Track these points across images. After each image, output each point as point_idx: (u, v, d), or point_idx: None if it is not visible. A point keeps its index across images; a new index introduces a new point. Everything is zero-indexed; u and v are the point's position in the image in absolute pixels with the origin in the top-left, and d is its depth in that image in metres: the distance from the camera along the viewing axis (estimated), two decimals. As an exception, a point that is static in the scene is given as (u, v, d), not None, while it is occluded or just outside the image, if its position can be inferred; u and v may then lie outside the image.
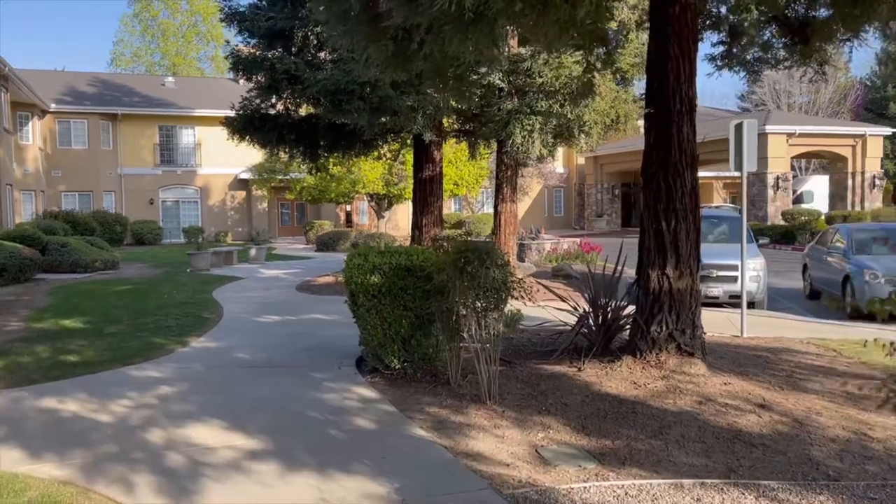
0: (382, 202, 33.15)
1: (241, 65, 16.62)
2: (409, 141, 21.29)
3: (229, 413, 6.37)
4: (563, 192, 46.22)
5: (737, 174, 41.85)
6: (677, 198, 7.15)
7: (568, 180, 45.65)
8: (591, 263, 23.19)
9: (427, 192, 16.68)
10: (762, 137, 30.90)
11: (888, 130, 34.29)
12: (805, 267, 15.85)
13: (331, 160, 24.16)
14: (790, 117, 31.16)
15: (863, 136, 32.92)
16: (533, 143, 12.84)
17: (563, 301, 8.50)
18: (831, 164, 34.88)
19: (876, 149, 33.23)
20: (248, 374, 7.82)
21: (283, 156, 32.32)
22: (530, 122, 12.59)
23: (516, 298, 6.43)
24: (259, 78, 17.34)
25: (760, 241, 24.39)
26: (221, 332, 10.62)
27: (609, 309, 7.93)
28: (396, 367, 7.39)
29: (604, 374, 6.97)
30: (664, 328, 7.00)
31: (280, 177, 33.55)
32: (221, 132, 19.22)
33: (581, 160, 44.48)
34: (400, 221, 41.58)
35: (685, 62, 7.10)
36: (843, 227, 14.81)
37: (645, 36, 9.48)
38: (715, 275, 13.20)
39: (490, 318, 6.28)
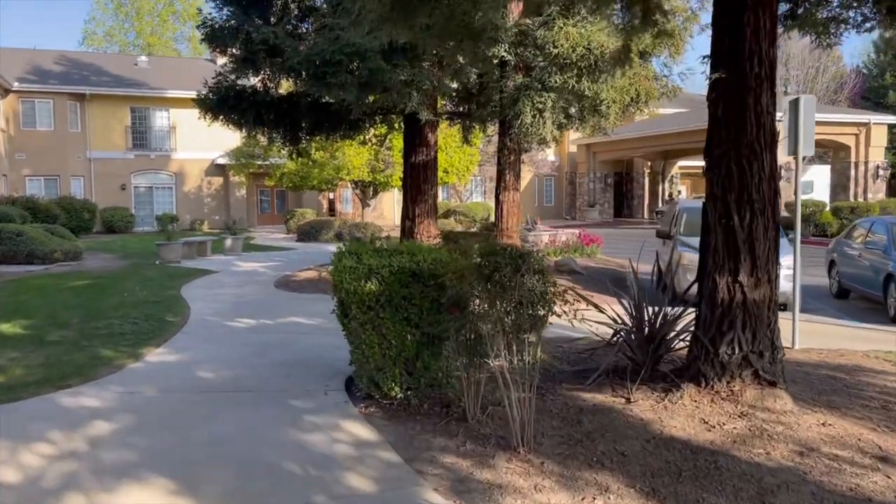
0: (368, 190, 31.52)
1: (214, 36, 14.95)
2: (398, 124, 19.72)
3: (180, 465, 4.82)
4: (554, 182, 44.79)
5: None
6: (753, 185, 5.69)
7: (559, 169, 44.22)
8: (592, 256, 21.86)
9: (420, 179, 15.13)
10: (765, 125, 29.62)
11: (893, 119, 33.15)
12: (832, 263, 14.52)
13: (313, 144, 22.55)
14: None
15: (867, 125, 31.74)
16: (544, 123, 11.34)
17: (598, 309, 7.01)
18: (833, 153, 33.69)
19: (880, 138, 32.08)
20: (211, 403, 6.26)
21: (262, 139, 30.58)
22: (542, 99, 11.07)
23: (558, 315, 4.93)
24: (234, 51, 15.66)
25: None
26: (185, 340, 9.04)
27: (657, 320, 6.46)
28: (398, 395, 5.88)
29: (662, 409, 5.50)
30: (737, 349, 5.54)
31: (259, 162, 31.81)
32: (200, 118, 17.53)
33: (573, 148, 43.05)
34: (385, 210, 40.00)
35: (765, 14, 5.62)
36: (880, 221, 13.46)
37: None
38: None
39: (525, 340, 4.78)
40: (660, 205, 42.48)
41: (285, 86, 18.78)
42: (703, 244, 5.97)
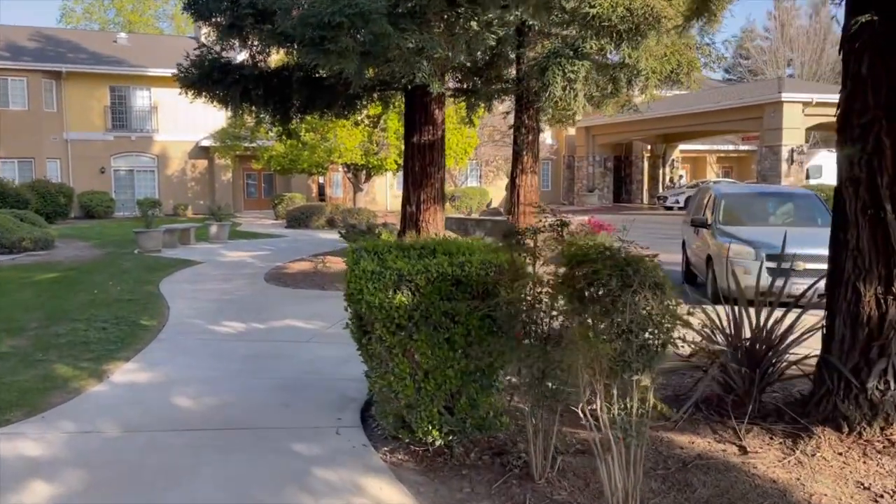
0: (360, 174, 29.97)
1: (196, 1, 13.42)
2: (396, 101, 18.22)
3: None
4: (551, 166, 43.35)
5: (731, 147, 39.40)
6: (913, 165, 4.29)
7: (556, 153, 42.79)
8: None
9: (426, 161, 13.67)
10: (777, 106, 28.38)
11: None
12: None
13: (303, 125, 21.01)
14: (806, 85, 28.70)
15: (881, 107, 30.46)
16: (575, 96, 9.91)
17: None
18: (845, 136, 32.43)
19: (894, 120, 30.82)
20: (190, 449, 4.81)
21: (249, 119, 28.95)
22: (574, 68, 9.63)
23: (675, 346, 3.53)
24: (218, 19, 14.11)
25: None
26: (161, 351, 7.57)
27: (764, 333, 5.08)
28: (436, 441, 4.47)
29: (796, 465, 4.11)
30: (893, 384, 4.17)
31: (246, 144, 30.14)
32: (181, 94, 15.99)
33: (571, 131, 41.60)
34: (377, 195, 38.50)
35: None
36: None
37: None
38: (802, 267, 10.44)
39: (633, 382, 3.38)
40: (660, 189, 41.22)
41: (276, 59, 17.22)
42: (836, 242, 4.59)
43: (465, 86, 14.65)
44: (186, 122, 34.03)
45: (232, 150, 30.82)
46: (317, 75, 15.54)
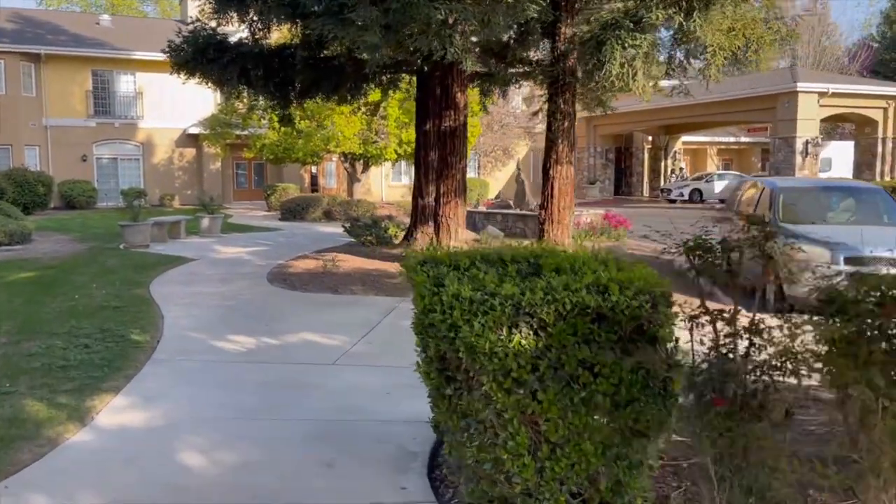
0: (357, 164, 28.57)
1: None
2: (405, 86, 16.85)
3: None
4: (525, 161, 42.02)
5: (731, 139, 38.29)
6: None
7: (556, 143, 41.45)
8: (620, 241, 19.28)
9: (446, 150, 12.32)
10: (792, 96, 27.26)
11: (924, 92, 30.91)
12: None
13: (298, 112, 19.60)
14: (820, 75, 27.64)
15: (896, 98, 29.48)
16: (635, 74, 8.62)
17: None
18: (858, 128, 31.41)
19: (910, 112, 29.85)
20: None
21: (240, 105, 27.38)
22: (637, 42, 8.31)
23: None
24: (215, -10, 12.75)
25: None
26: (156, 378, 6.22)
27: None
28: (563, 543, 3.16)
29: None
30: None
31: (237, 132, 28.60)
32: (167, 79, 14.63)
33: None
34: (372, 186, 37.03)
35: None
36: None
37: None
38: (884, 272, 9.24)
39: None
40: (662, 182, 40.09)
41: (277, 37, 15.79)
42: None
43: (487, 68, 13.31)
44: (173, 108, 32.44)
45: (222, 138, 29.30)
46: (322, 55, 14.18)
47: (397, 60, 12.60)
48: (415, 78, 16.11)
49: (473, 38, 9.73)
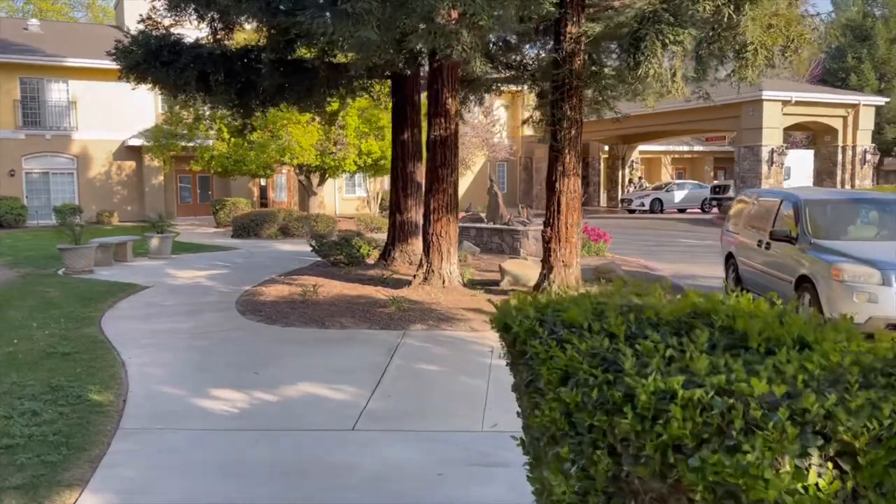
0: (313, 176, 27.07)
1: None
2: (378, 90, 15.56)
3: None
4: (507, 167, 41.27)
5: (685, 148, 37.91)
6: None
7: (514, 153, 40.69)
8: (600, 254, 18.37)
9: (437, 162, 11.09)
10: (757, 104, 26.98)
11: (881, 100, 31.19)
12: None
13: (249, 121, 18.10)
14: (784, 83, 27.53)
15: (856, 107, 29.58)
16: (674, 73, 7.60)
17: None
18: (818, 137, 31.46)
19: (868, 121, 30.02)
20: None
21: (187, 115, 25.74)
22: (680, 37, 7.28)
23: None
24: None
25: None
26: (131, 463, 4.79)
27: None
28: None
29: None
30: None
31: (183, 143, 26.75)
32: (104, 87, 13.10)
33: (528, 131, 39.56)
34: (325, 199, 35.44)
35: None
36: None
37: None
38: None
39: None
40: (620, 191, 39.68)
41: (240, 38, 14.33)
42: None
43: (497, 70, 12.17)
44: (111, 118, 30.39)
45: (167, 150, 27.38)
46: (292, 57, 12.84)
47: (375, 64, 11.33)
48: (389, 83, 14.91)
49: (497, 32, 8.54)
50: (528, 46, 11.80)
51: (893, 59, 38.98)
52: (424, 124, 14.65)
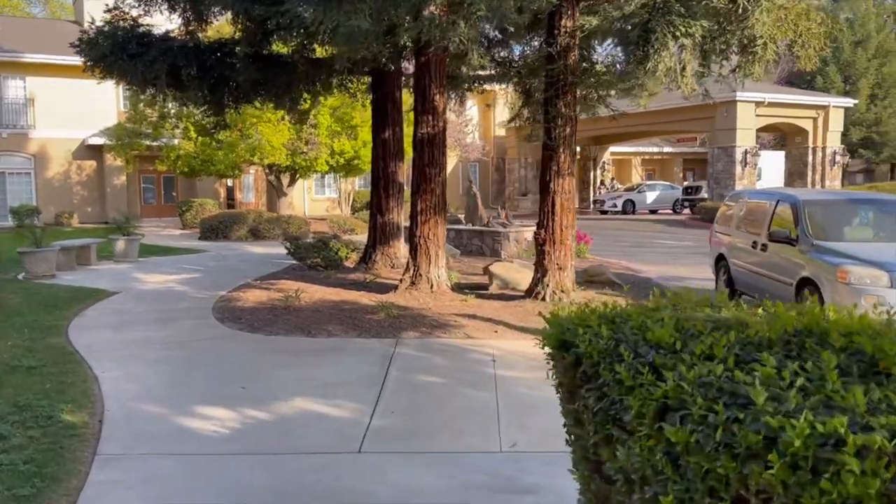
0: (284, 176, 26.38)
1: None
2: (356, 86, 15.03)
3: None
4: (479, 168, 40.90)
5: (655, 149, 38.01)
6: None
7: (486, 154, 40.36)
8: (582, 256, 18.06)
9: (425, 161, 10.63)
10: (731, 105, 27.02)
11: (850, 102, 31.53)
12: None
13: (211, 122, 17.45)
14: (757, 84, 27.56)
15: (826, 108, 29.84)
16: (684, 68, 7.25)
17: None
18: (789, 138, 31.67)
19: (837, 122, 30.31)
20: None
21: (151, 112, 24.86)
22: (692, 30, 6.92)
23: None
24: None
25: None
26: (115, 495, 4.27)
27: None
28: None
29: None
30: None
31: (147, 142, 25.85)
32: (64, 84, 12.42)
33: (501, 131, 39.31)
34: (295, 200, 34.71)
35: None
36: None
37: None
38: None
39: None
40: (591, 193, 39.61)
41: (214, 32, 13.72)
42: None
43: (495, 63, 11.74)
44: (70, 116, 29.30)
45: (130, 149, 26.42)
46: (268, 51, 12.29)
47: (360, 58, 10.83)
48: (367, 79, 14.41)
49: (494, 23, 8.10)
50: (518, 42, 11.40)
51: (858, 61, 39.53)
52: (405, 122, 14.21)
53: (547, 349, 3.26)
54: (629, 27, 7.30)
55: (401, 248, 13.94)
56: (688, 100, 10.00)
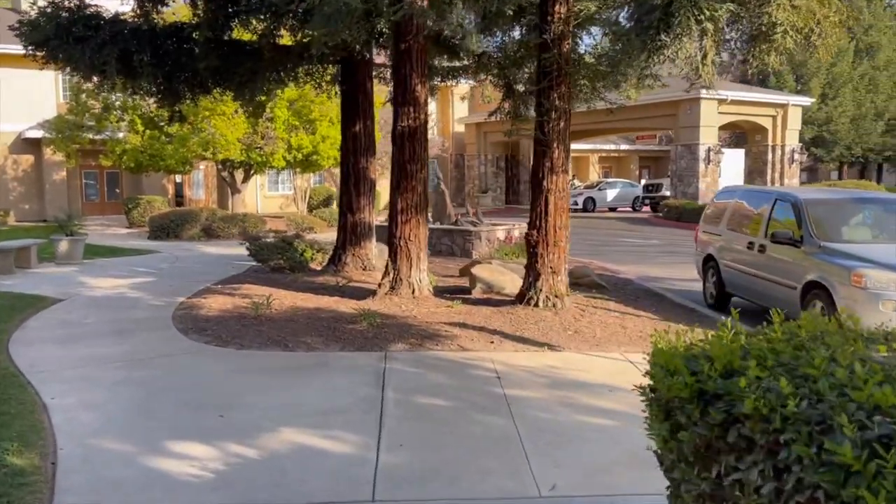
0: (238, 172, 25.21)
1: None
2: (323, 76, 14.13)
3: None
4: (437, 164, 40.09)
5: (612, 147, 37.96)
6: None
7: (445, 150, 39.64)
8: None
9: (406, 156, 9.83)
10: (694, 102, 26.88)
11: (808, 101, 31.79)
12: None
13: (165, 114, 16.36)
14: (719, 82, 27.49)
15: (785, 107, 29.99)
16: (705, 56, 6.65)
17: None
18: (749, 136, 31.77)
19: (795, 120, 30.51)
20: None
21: (95, 104, 23.41)
22: (718, 13, 6.29)
23: None
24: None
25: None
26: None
27: None
28: None
29: None
30: None
31: (91, 136, 24.36)
32: (27, 56, 11.27)
33: (460, 127, 38.65)
34: (247, 197, 33.44)
35: None
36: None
37: None
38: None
39: None
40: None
41: (173, 11, 12.66)
42: None
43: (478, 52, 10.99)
44: (6, 108, 27.55)
45: (71, 143, 24.86)
46: (230, 37, 11.35)
47: (341, 42, 9.97)
48: (333, 69, 13.54)
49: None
50: (502, 30, 10.69)
51: (810, 61, 40.01)
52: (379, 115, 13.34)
53: (649, 382, 2.55)
54: (645, 11, 6.65)
55: (372, 249, 13.13)
56: (711, 87, 9.40)
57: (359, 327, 8.39)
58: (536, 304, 9.22)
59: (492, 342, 7.87)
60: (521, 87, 11.44)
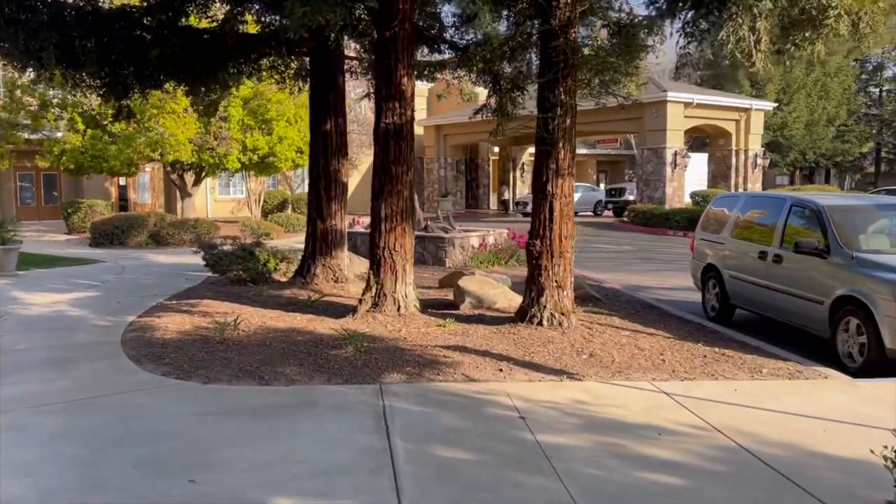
0: (188, 175, 23.67)
1: None
2: (288, 68, 12.94)
3: None
4: (394, 167, 39.00)
5: (611, 151, 37.58)
6: None
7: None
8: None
9: (390, 157, 8.73)
10: (661, 105, 26.40)
11: (770, 105, 31.71)
12: None
13: (110, 110, 15.00)
14: (685, 86, 27.19)
15: (748, 111, 29.80)
16: (758, 41, 5.78)
17: None
18: (713, 140, 31.52)
19: (758, 125, 30.37)
20: None
21: (31, 100, 21.70)
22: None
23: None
24: None
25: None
26: None
27: None
28: None
29: None
30: None
31: (26, 135, 22.54)
32: None
33: (419, 129, 37.59)
34: (196, 201, 31.78)
35: None
36: None
37: None
38: None
39: None
40: (513, 194, 38.51)
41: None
42: None
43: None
44: (-69, 104, 25.40)
45: (4, 143, 22.97)
46: (185, 23, 10.10)
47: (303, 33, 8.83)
48: (298, 62, 12.37)
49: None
50: (494, 18, 9.71)
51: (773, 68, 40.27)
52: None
53: None
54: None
55: (344, 259, 11.99)
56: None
57: (344, 353, 7.27)
58: (540, 323, 8.24)
59: (500, 370, 6.84)
60: (508, 84, 10.46)
